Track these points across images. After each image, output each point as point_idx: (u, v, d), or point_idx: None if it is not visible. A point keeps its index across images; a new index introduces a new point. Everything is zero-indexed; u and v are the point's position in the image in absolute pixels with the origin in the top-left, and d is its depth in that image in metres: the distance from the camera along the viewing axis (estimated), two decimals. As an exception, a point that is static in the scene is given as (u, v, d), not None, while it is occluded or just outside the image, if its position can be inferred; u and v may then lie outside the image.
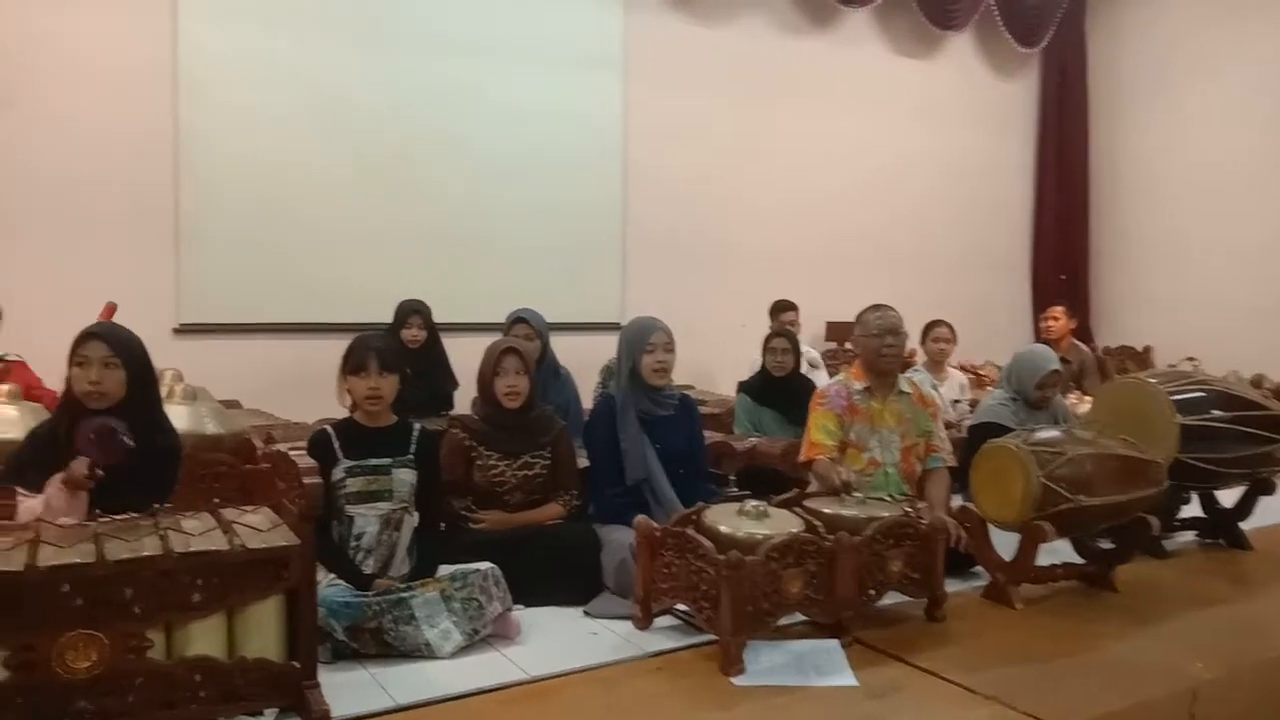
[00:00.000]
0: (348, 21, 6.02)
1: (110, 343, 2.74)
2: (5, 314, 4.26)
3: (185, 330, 5.63)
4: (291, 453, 2.92)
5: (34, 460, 2.72)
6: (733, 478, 4.45)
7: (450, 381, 5.50)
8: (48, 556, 2.08)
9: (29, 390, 4.14)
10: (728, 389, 6.02)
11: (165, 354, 5.13)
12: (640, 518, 3.00)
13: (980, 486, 3.41)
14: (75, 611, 2.03)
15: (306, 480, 2.42)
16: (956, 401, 5.56)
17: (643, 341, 3.72)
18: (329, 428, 3.23)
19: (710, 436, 4.37)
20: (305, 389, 5.55)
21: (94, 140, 5.33)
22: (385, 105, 6.19)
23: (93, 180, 5.34)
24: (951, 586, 3.24)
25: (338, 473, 3.12)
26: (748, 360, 6.15)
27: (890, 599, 3.08)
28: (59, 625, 2.01)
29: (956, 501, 3.82)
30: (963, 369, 6.22)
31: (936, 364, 5.75)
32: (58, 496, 2.51)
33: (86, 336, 2.76)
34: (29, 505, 2.57)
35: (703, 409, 4.38)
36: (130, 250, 5.46)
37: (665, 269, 7.11)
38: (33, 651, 1.99)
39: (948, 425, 4.37)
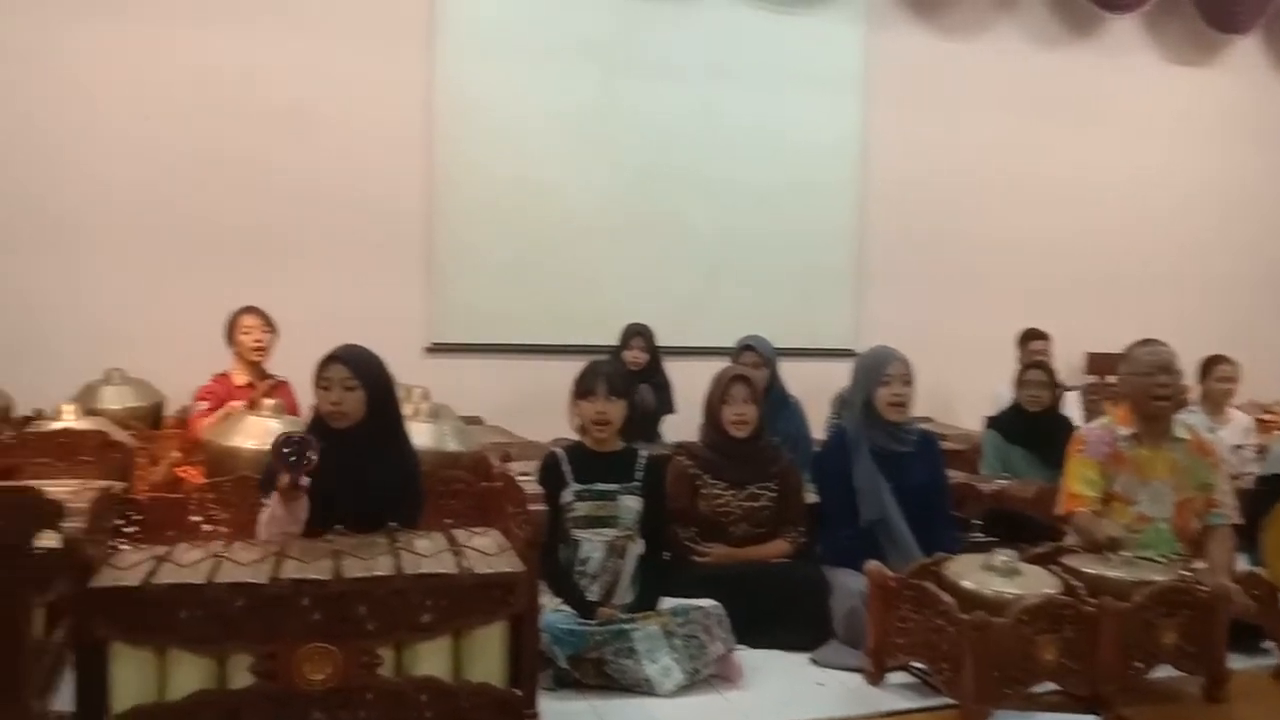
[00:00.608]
0: (597, 50, 6.19)
1: (351, 365, 2.87)
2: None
3: (436, 349, 5.93)
4: (522, 476, 2.97)
5: (271, 472, 2.89)
6: (977, 522, 4.13)
7: (668, 405, 5.49)
8: (290, 570, 2.19)
9: (289, 412, 4.47)
10: (970, 423, 5.64)
11: (417, 372, 5.47)
12: (873, 563, 2.82)
13: (1273, 548, 2.97)
14: (314, 625, 2.11)
15: (532, 507, 2.43)
16: (1239, 447, 4.94)
17: (879, 373, 3.52)
18: (559, 451, 3.26)
19: (952, 476, 4.07)
20: (544, 408, 5.68)
21: (355, 166, 5.73)
22: (630, 131, 6.30)
23: (354, 205, 5.73)
24: (1236, 663, 2.85)
25: (566, 495, 3.14)
26: (990, 393, 5.76)
27: (1161, 672, 2.72)
28: (298, 637, 2.10)
29: (1241, 564, 3.35)
30: (1248, 410, 5.52)
31: (1217, 405, 5.13)
32: (278, 506, 2.64)
33: (329, 360, 2.90)
34: (263, 515, 2.73)
35: (943, 444, 4.09)
36: (387, 273, 5.82)
37: (902, 294, 6.79)
38: (274, 660, 2.08)
39: (1231, 476, 3.86)
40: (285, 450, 2.54)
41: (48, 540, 2.33)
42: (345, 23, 5.68)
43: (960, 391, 6.39)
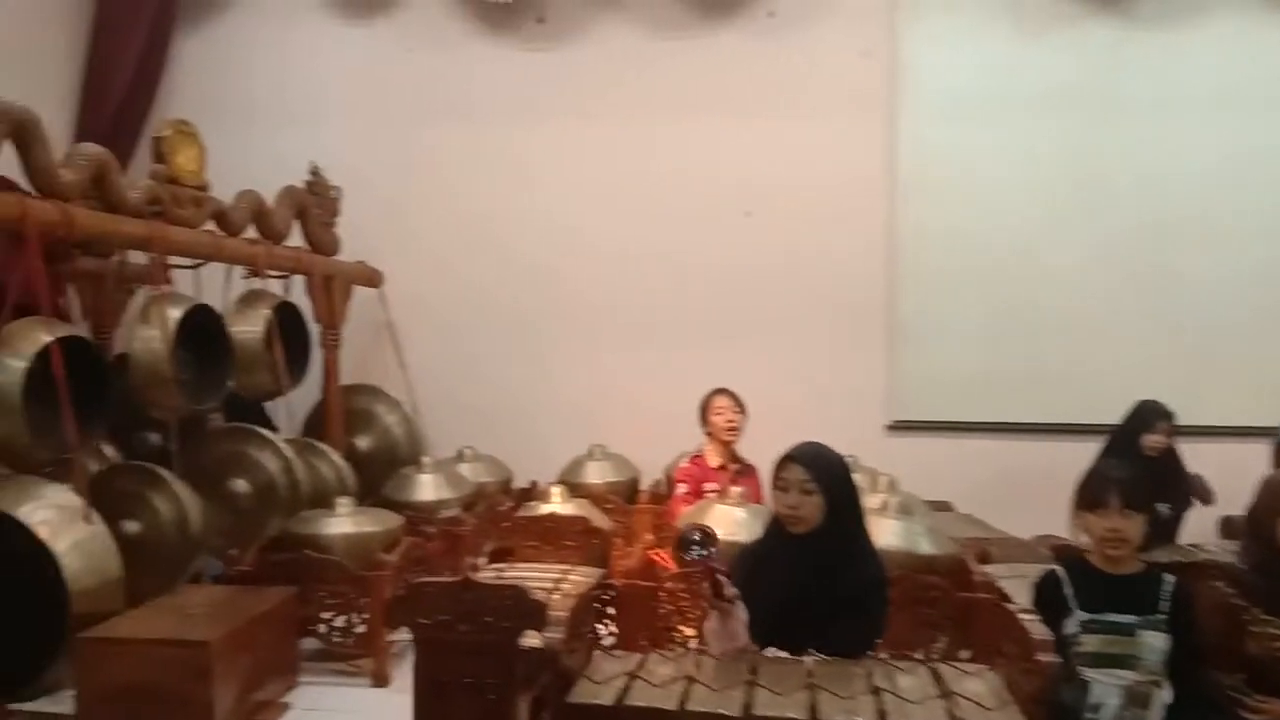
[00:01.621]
0: (1067, 95, 5.53)
1: (809, 467, 2.67)
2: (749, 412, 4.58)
3: (898, 428, 5.61)
4: (1004, 579, 2.54)
5: (736, 573, 2.75)
6: None
7: (1183, 501, 4.62)
8: (762, 703, 1.99)
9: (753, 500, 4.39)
10: None
11: (877, 452, 5.22)
12: None
13: None
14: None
15: (1042, 657, 2.02)
16: None
17: None
18: (1060, 571, 2.76)
19: None
20: (1022, 495, 5.14)
21: (812, 240, 5.63)
22: (1114, 179, 5.52)
23: (811, 280, 5.63)
24: None
25: (1070, 626, 2.63)
26: None
27: None
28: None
29: None
30: None
31: None
32: (715, 620, 2.48)
33: (786, 460, 2.72)
34: (709, 624, 2.58)
35: None
36: (844, 348, 5.62)
37: None
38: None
39: None
40: (686, 544, 2.39)
41: (532, 640, 2.38)
42: (800, 104, 5.63)
43: None
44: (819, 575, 2.60)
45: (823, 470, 2.68)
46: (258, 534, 4.15)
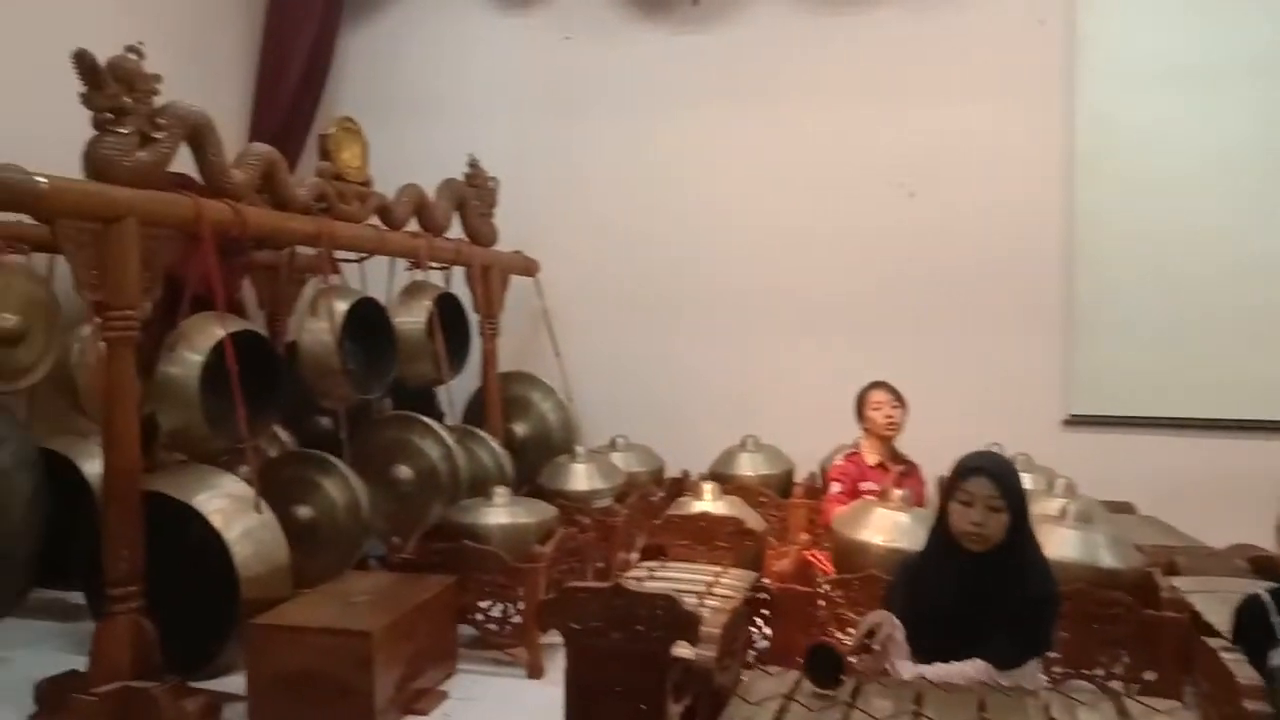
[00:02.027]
0: (1275, 66, 4.98)
1: (1000, 483, 2.50)
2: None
3: (1075, 422, 5.24)
4: (1192, 594, 2.30)
5: (897, 591, 2.63)
6: None
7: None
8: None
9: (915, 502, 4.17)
10: None
11: (1051, 447, 4.93)
12: None
13: None
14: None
15: (1250, 705, 1.80)
16: None
17: None
18: (1265, 596, 2.50)
19: None
20: (1212, 499, 4.77)
21: (983, 226, 5.29)
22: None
23: (982, 267, 5.29)
24: None
25: (1276, 658, 2.38)
26: None
27: None
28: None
29: None
30: None
31: None
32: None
33: (973, 472, 2.55)
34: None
35: None
36: (1017, 338, 5.28)
37: None
38: None
39: None
40: (813, 670, 2.19)
41: (684, 650, 2.32)
42: (968, 79, 5.30)
43: None
44: (990, 592, 2.46)
45: (1011, 485, 2.52)
46: (421, 518, 4.26)
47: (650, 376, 5.68)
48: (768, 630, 3.26)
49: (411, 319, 4.56)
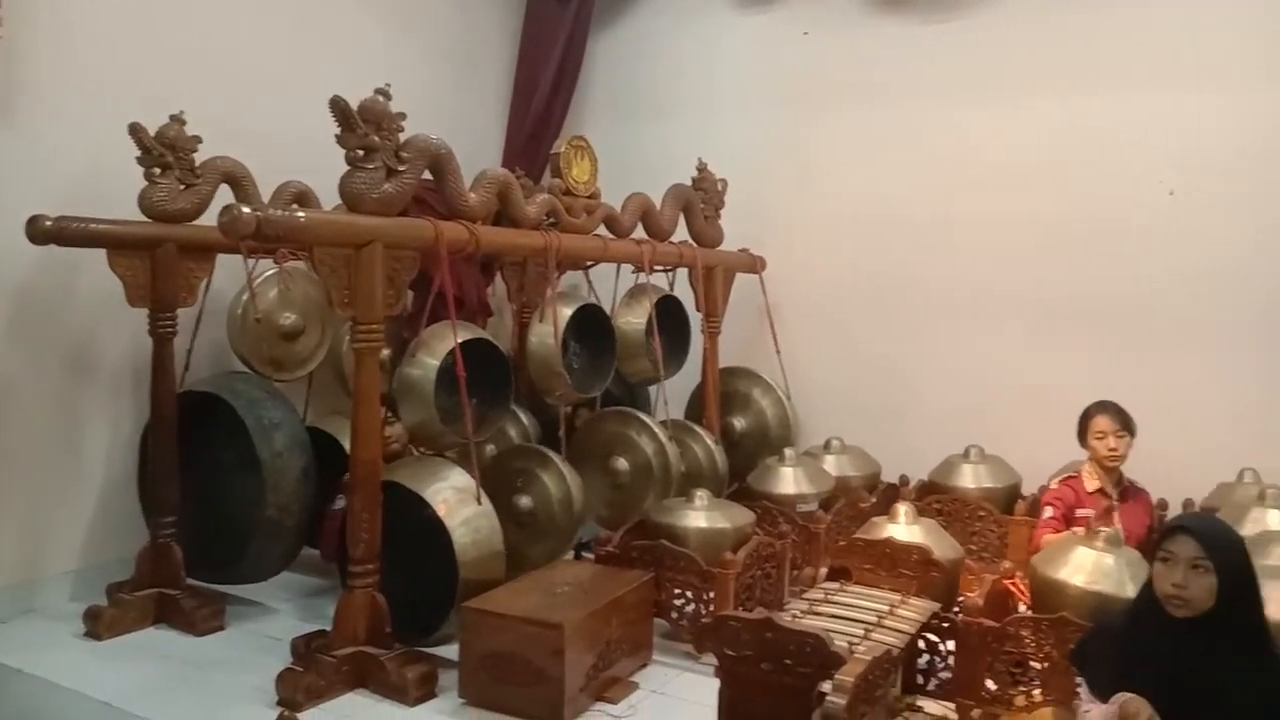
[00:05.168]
0: None
1: (1202, 540, 2.35)
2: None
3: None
4: None
5: (1102, 659, 2.50)
6: None
7: None
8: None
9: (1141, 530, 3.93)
10: None
11: None
12: None
13: None
14: None
15: None
16: None
17: None
18: None
19: None
20: None
21: (1247, 228, 4.73)
22: None
23: (1238, 272, 4.76)
24: None
25: None
26: None
27: None
28: None
29: None
30: None
31: None
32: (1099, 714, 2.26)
33: (1176, 531, 2.41)
34: (1090, 716, 2.37)
35: None
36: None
37: None
38: None
39: None
40: None
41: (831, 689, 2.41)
42: (1236, 66, 4.77)
43: None
44: (1205, 671, 2.29)
45: (1219, 545, 2.36)
46: (636, 509, 4.54)
47: (874, 377, 5.62)
48: (952, 663, 3.25)
49: (634, 320, 4.83)
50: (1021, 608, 3.55)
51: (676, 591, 3.84)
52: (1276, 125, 4.74)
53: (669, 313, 4.97)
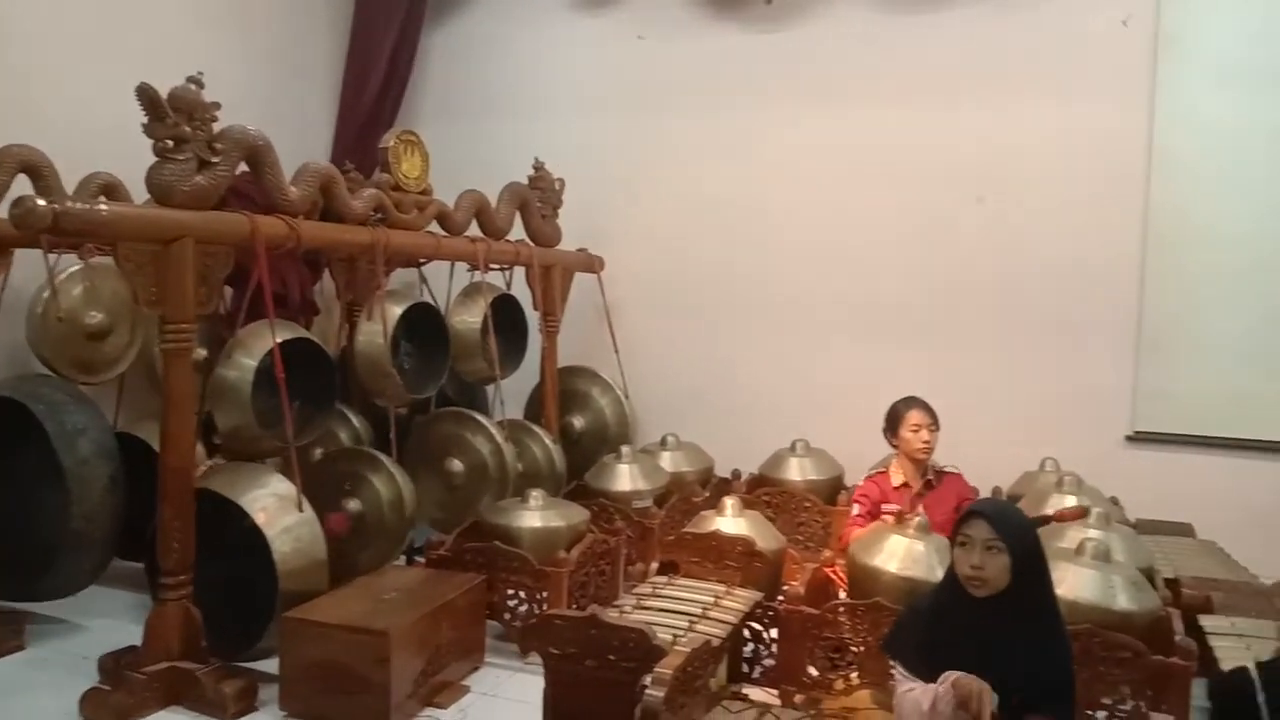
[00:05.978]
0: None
1: (995, 523, 2.50)
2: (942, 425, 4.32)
3: (1139, 439, 5.04)
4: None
5: (913, 642, 2.63)
6: None
7: None
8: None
9: (961, 503, 4.13)
10: None
11: (1113, 464, 4.87)
12: None
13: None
14: None
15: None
16: None
17: None
18: (1252, 670, 2.45)
19: None
20: (1277, 527, 4.61)
21: (1048, 233, 5.11)
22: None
23: (1045, 273, 5.15)
24: None
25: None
26: None
27: None
28: None
29: None
30: None
31: None
32: (946, 702, 2.37)
33: (972, 515, 2.56)
34: (914, 695, 2.48)
35: None
36: (1081, 347, 5.10)
37: None
38: None
39: None
40: None
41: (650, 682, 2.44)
42: (1046, 80, 5.13)
43: None
44: (1004, 647, 2.44)
45: (1011, 527, 2.52)
46: (472, 510, 4.48)
47: (708, 375, 5.76)
48: (775, 650, 3.36)
49: (469, 319, 4.77)
50: (842, 594, 3.69)
51: (510, 593, 3.82)
52: (1077, 139, 5.11)
53: (506, 312, 4.94)
